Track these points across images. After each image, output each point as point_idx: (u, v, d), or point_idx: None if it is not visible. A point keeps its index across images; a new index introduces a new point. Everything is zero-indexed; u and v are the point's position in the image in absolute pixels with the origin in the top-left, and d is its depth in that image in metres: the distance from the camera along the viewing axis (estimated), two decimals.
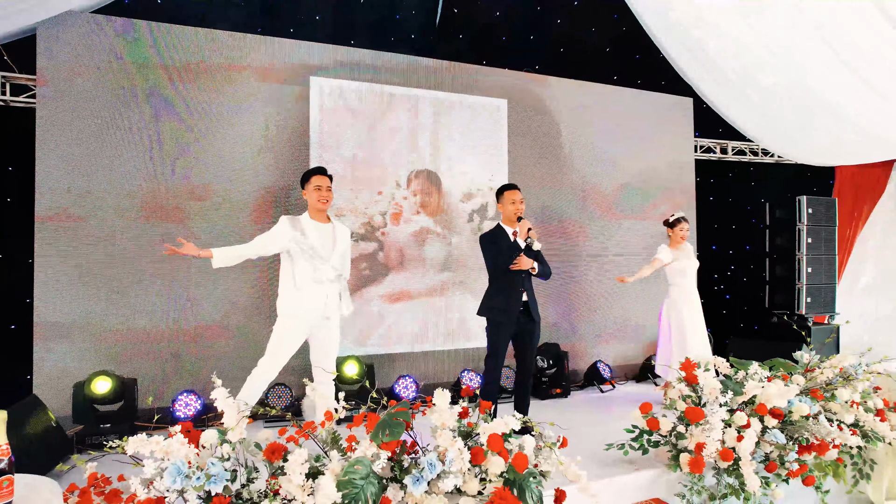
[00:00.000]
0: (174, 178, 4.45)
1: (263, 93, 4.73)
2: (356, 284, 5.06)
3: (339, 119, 5.00)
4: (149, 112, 4.37)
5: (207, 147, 4.55)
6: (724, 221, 7.38)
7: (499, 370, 3.79)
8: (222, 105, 4.60)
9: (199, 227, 4.51)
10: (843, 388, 3.49)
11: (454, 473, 2.33)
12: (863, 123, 5.62)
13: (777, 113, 6.03)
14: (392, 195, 5.22)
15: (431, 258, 5.36)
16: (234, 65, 4.60)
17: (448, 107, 5.43)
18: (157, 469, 2.05)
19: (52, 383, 4.04)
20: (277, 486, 2.20)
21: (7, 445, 1.75)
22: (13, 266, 4.37)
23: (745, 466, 3.09)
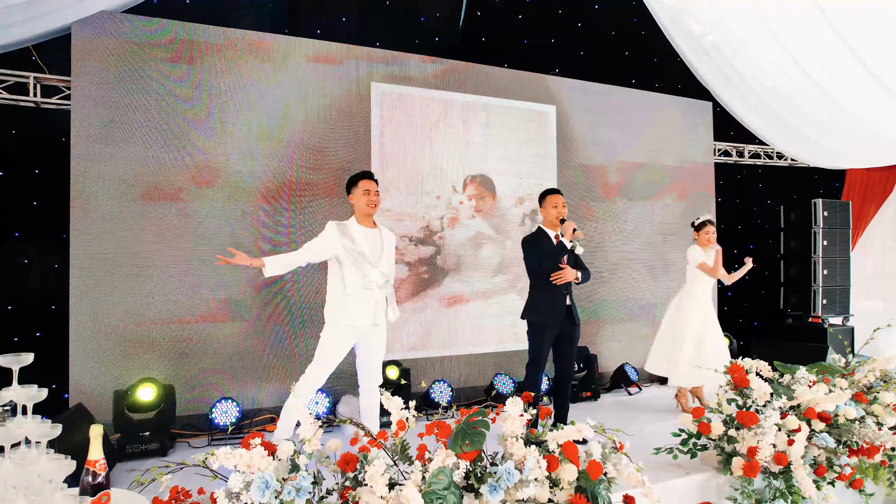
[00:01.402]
0: (219, 181, 4.42)
1: (313, 97, 4.74)
2: (415, 288, 5.11)
3: (398, 124, 5.11)
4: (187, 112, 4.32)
5: (239, 142, 4.50)
6: (733, 223, 7.44)
7: (542, 375, 3.79)
8: (256, 103, 4.56)
9: (256, 233, 4.48)
10: (886, 391, 3.53)
11: (533, 482, 2.32)
12: (878, 127, 5.69)
13: (793, 117, 6.09)
14: (449, 200, 5.32)
15: (486, 261, 5.45)
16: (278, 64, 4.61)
17: (499, 112, 5.53)
18: (243, 482, 2.01)
19: (89, 392, 3.96)
20: (357, 497, 2.17)
21: (104, 460, 1.71)
22: (44, 271, 4.29)
23: (796, 470, 3.11)
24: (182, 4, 4.24)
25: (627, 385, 5.44)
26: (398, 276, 5.03)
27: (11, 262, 4.24)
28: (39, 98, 4.17)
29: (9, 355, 1.67)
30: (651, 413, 4.68)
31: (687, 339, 4.81)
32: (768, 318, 7.14)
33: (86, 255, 4.02)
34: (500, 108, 5.52)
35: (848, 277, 6.72)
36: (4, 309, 4.19)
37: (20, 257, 4.26)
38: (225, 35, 4.41)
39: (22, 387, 1.67)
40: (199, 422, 4.10)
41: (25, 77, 4.10)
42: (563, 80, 5.83)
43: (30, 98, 4.14)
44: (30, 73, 4.09)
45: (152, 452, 3.57)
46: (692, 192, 6.63)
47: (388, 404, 2.39)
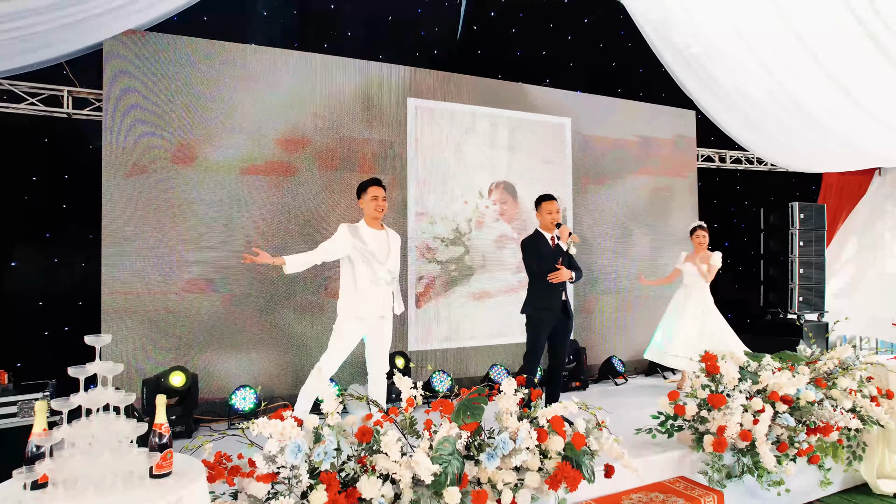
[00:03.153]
0: (243, 188, 4.79)
1: (349, 112, 5.20)
2: (446, 284, 5.59)
3: (431, 134, 5.61)
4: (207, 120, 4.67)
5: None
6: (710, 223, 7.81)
7: (538, 364, 4.17)
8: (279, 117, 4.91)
9: (273, 234, 4.87)
10: (843, 377, 3.91)
11: (524, 450, 2.68)
12: (847, 136, 6.08)
13: (769, 125, 6.49)
14: (476, 204, 5.80)
15: (509, 261, 5.91)
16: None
17: (520, 124, 6.02)
18: (278, 447, 2.36)
19: (117, 381, 4.28)
20: (374, 462, 2.52)
21: (167, 424, 2.05)
22: (71, 269, 4.61)
23: (760, 446, 3.49)
24: (201, 21, 4.56)
25: (614, 376, 5.82)
26: (431, 273, 5.55)
27: (42, 260, 4.56)
28: (71, 109, 4.50)
29: (92, 336, 2.01)
30: (635, 400, 5.05)
31: (683, 328, 5.26)
32: (749, 314, 7.53)
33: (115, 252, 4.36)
34: (522, 121, 6.02)
35: (823, 276, 7.12)
36: (36, 305, 4.51)
37: (50, 256, 4.58)
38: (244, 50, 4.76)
39: (103, 362, 2.01)
40: (217, 408, 4.43)
41: (59, 90, 4.44)
42: (580, 95, 6.30)
43: (63, 110, 4.47)
44: (63, 86, 4.43)
45: (179, 435, 3.91)
46: (676, 197, 7.01)
47: (400, 384, 2.74)
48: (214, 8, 4.45)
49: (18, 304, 4.45)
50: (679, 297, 5.55)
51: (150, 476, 1.97)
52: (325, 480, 2.38)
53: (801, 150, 6.69)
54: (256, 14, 5.03)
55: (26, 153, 4.51)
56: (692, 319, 5.38)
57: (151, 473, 1.97)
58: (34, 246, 4.54)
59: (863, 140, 5.95)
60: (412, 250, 5.46)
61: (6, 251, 4.45)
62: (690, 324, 5.37)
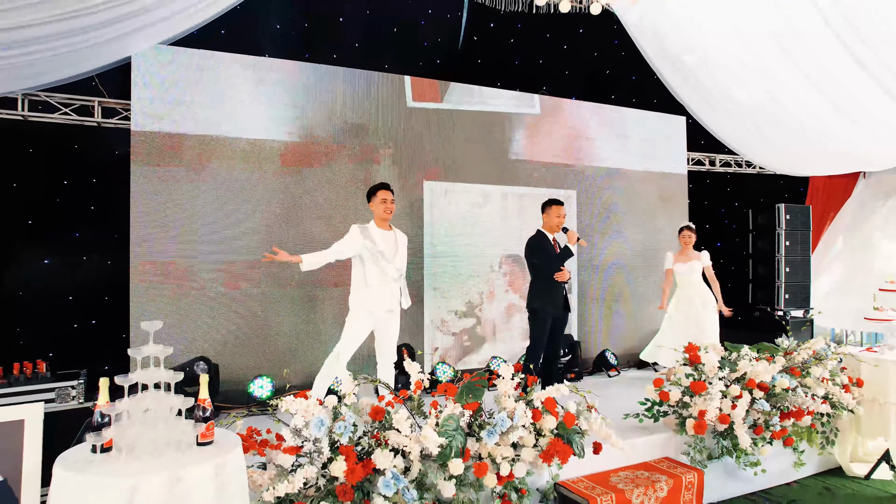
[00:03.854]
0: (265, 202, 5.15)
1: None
2: (459, 354, 5.94)
3: (446, 215, 5.97)
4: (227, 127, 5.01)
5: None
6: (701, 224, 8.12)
7: (541, 355, 4.52)
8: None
9: (289, 234, 5.22)
10: (816, 366, 4.23)
11: (520, 428, 3.00)
12: (830, 141, 6.39)
13: (757, 130, 6.80)
14: (488, 277, 6.15)
15: (518, 328, 6.24)
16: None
17: (529, 199, 6.30)
18: (303, 422, 2.68)
19: None
20: (387, 437, 2.84)
21: (210, 399, 2.36)
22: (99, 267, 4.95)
23: (738, 429, 3.81)
24: (219, 35, 4.88)
25: (608, 368, 6.14)
26: (444, 345, 5.88)
27: (71, 258, 4.88)
28: (100, 118, 4.83)
29: (146, 321, 2.32)
30: (626, 391, 5.36)
31: (680, 326, 5.59)
32: (739, 310, 7.84)
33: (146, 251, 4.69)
34: (530, 195, 6.32)
35: (808, 275, 7.44)
36: (66, 300, 4.84)
37: (79, 255, 4.90)
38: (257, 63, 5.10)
39: (156, 345, 2.32)
40: (235, 395, 4.75)
41: (90, 101, 4.76)
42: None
43: (94, 119, 4.79)
44: (94, 97, 4.75)
45: None
46: (668, 199, 7.33)
47: (409, 368, 3.06)
48: (231, 21, 4.74)
49: (51, 299, 4.77)
50: (676, 299, 5.85)
51: (196, 444, 2.28)
52: (344, 452, 2.70)
53: (787, 154, 7.00)
54: (270, 26, 5.35)
55: (58, 158, 4.83)
56: (686, 315, 5.69)
57: (197, 441, 2.28)
58: (65, 245, 4.86)
59: (845, 145, 6.27)
60: (429, 326, 5.83)
61: (39, 250, 4.78)
62: (685, 319, 5.68)
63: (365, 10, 5.74)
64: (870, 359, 4.35)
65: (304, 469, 2.63)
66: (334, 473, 2.66)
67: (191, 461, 2.14)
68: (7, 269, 4.66)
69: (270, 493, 2.54)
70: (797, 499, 4.04)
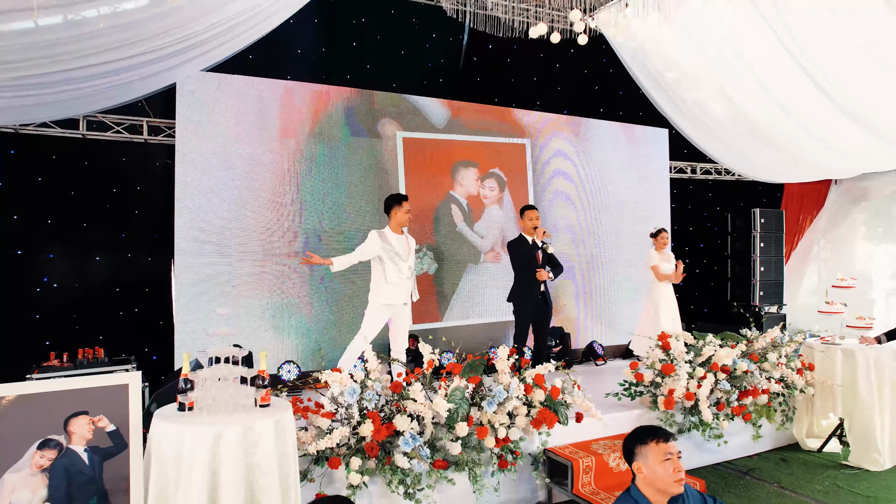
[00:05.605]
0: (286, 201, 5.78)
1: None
2: None
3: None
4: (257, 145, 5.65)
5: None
6: (685, 226, 8.77)
7: (525, 342, 5.16)
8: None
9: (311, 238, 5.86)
10: (772, 352, 4.87)
11: (514, 398, 3.63)
12: (796, 152, 7.00)
13: (732, 140, 7.42)
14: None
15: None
16: None
17: None
18: (339, 391, 3.30)
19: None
20: (405, 405, 3.46)
21: (266, 370, 2.99)
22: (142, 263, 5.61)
23: (702, 405, 4.43)
24: (247, 60, 5.51)
25: (595, 358, 6.77)
26: None
27: (118, 256, 5.55)
28: (147, 136, 5.46)
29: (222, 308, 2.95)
30: (610, 377, 5.95)
31: (660, 322, 6.20)
32: (718, 306, 8.50)
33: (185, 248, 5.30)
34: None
35: (781, 273, 8.08)
36: (113, 291, 5.51)
37: (125, 252, 5.56)
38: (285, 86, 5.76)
39: (229, 328, 2.95)
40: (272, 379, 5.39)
41: (139, 121, 5.40)
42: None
43: (142, 137, 5.43)
44: (142, 117, 5.40)
45: None
46: (651, 205, 7.98)
47: (423, 349, 3.68)
48: (258, 49, 5.36)
49: (100, 290, 5.45)
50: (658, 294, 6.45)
51: (257, 405, 2.90)
52: (371, 416, 3.32)
53: (760, 163, 7.63)
54: (293, 51, 5.99)
55: (107, 169, 5.48)
56: (668, 306, 6.33)
57: (258, 404, 2.90)
58: (112, 244, 5.53)
59: (809, 156, 6.90)
60: None
61: (91, 248, 5.45)
62: (668, 312, 6.31)
63: (376, 36, 6.38)
64: (820, 347, 4.98)
65: (340, 429, 3.26)
66: (363, 434, 3.29)
67: (256, 417, 2.75)
68: (64, 265, 5.34)
69: (314, 447, 3.17)
70: (757, 467, 4.66)
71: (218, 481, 2.47)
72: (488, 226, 6.92)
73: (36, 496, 2.57)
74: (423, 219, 6.47)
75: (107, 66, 4.03)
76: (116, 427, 2.71)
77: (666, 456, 2.18)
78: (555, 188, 7.32)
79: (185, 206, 5.27)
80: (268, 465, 2.58)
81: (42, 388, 2.66)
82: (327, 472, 3.27)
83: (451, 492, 3.50)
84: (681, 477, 2.15)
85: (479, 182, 6.89)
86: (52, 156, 5.28)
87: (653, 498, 2.19)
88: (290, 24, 5.26)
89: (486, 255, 6.87)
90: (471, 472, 3.47)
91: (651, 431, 2.28)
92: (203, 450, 2.48)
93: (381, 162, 6.30)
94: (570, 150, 7.40)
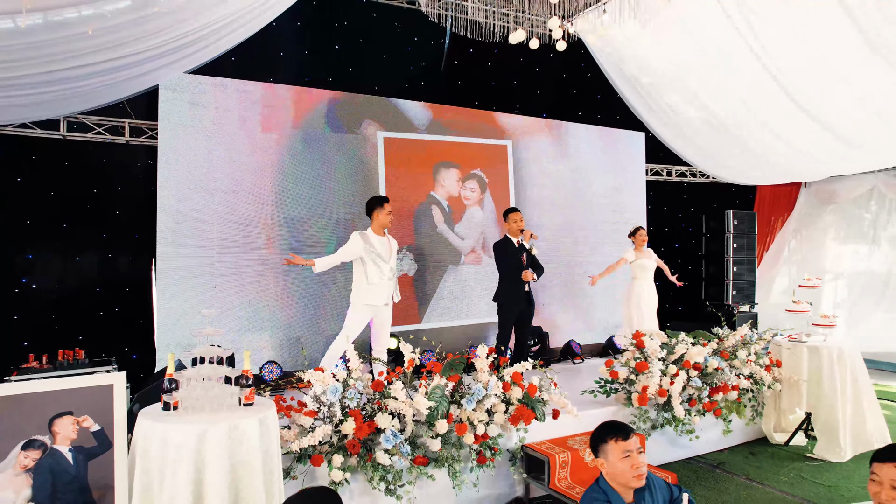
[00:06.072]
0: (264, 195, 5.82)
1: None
2: None
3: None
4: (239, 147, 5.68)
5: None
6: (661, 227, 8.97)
7: (508, 340, 5.27)
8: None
9: (292, 237, 5.89)
10: (741, 350, 5.04)
11: (493, 396, 3.73)
12: (765, 154, 7.23)
13: (705, 143, 7.63)
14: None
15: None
16: None
17: None
18: (321, 389, 3.37)
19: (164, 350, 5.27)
20: (386, 403, 3.55)
21: (251, 370, 3.05)
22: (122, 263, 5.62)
23: (674, 401, 4.58)
24: (230, 62, 5.53)
25: (573, 357, 6.92)
26: None
27: (99, 256, 5.54)
28: (129, 137, 5.45)
29: (206, 309, 3.00)
30: (587, 375, 6.12)
31: (644, 315, 6.36)
32: (692, 305, 8.71)
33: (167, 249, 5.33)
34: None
35: (753, 274, 8.32)
36: (94, 291, 5.50)
37: (106, 252, 5.55)
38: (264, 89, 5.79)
39: (213, 328, 3.00)
40: None
41: (121, 122, 5.39)
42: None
43: (123, 138, 5.42)
44: (124, 119, 5.39)
45: None
46: (628, 206, 8.16)
47: (404, 349, 3.76)
48: (241, 51, 5.38)
49: (80, 291, 5.43)
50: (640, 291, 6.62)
51: (241, 404, 2.96)
52: (353, 414, 3.40)
53: (733, 165, 7.86)
54: (275, 54, 6.03)
55: (88, 170, 5.47)
56: (650, 303, 6.50)
57: (242, 403, 2.96)
58: (94, 244, 5.52)
59: (779, 159, 7.13)
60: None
61: (71, 249, 5.43)
62: (648, 307, 6.48)
63: (358, 39, 6.44)
64: (787, 344, 5.18)
65: (322, 427, 3.33)
66: (345, 432, 3.36)
67: (241, 416, 2.81)
68: (44, 266, 5.32)
69: (296, 445, 3.23)
70: (727, 461, 4.83)
71: (203, 478, 2.53)
72: (469, 227, 7.02)
73: (20, 496, 2.60)
74: (403, 219, 6.54)
75: (90, 69, 4.04)
76: (101, 427, 2.75)
77: (625, 453, 2.29)
78: (534, 190, 7.45)
79: (167, 207, 5.29)
80: (252, 462, 2.65)
81: (27, 388, 2.69)
82: (310, 470, 3.34)
83: (431, 487, 3.59)
84: (640, 472, 2.27)
85: (460, 183, 6.98)
86: (31, 156, 5.25)
87: (618, 490, 2.30)
88: (273, 27, 5.30)
89: (467, 257, 6.97)
90: (450, 469, 3.56)
91: (611, 429, 2.38)
92: (189, 447, 2.54)
93: (362, 163, 6.37)
94: (549, 153, 7.55)
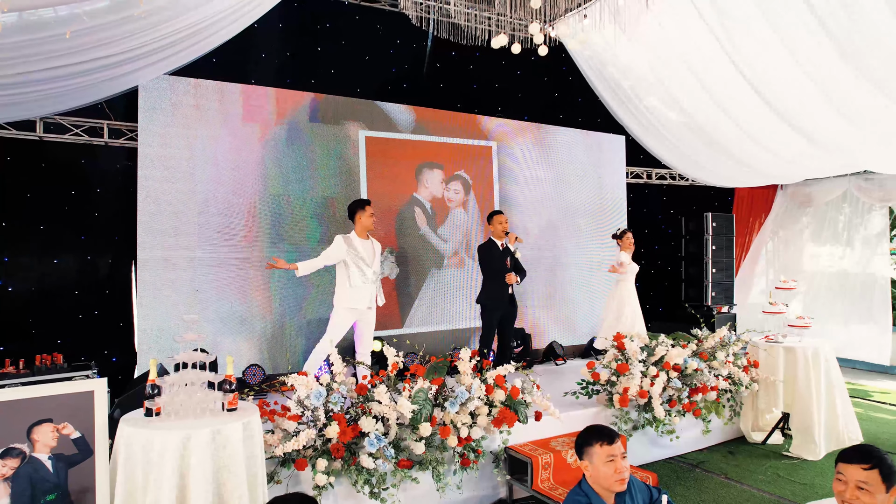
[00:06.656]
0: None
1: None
2: None
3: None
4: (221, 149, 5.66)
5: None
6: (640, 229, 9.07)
7: (491, 342, 5.30)
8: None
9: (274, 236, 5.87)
10: (720, 351, 5.13)
11: (476, 399, 3.76)
12: (742, 158, 7.36)
13: (683, 147, 7.74)
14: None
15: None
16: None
17: None
18: (305, 394, 3.37)
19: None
20: (370, 407, 3.55)
21: (234, 375, 3.04)
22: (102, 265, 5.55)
23: (655, 402, 4.65)
24: (211, 63, 5.49)
25: (555, 358, 6.98)
26: None
27: (78, 258, 5.45)
28: (108, 139, 5.37)
29: (189, 315, 2.98)
30: (570, 376, 6.16)
31: (625, 316, 6.40)
32: (672, 306, 8.83)
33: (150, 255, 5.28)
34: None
35: (732, 275, 8.46)
36: (73, 294, 5.40)
37: (85, 255, 5.46)
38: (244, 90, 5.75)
39: (196, 333, 2.98)
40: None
41: (100, 123, 5.30)
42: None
43: (102, 139, 5.34)
44: (103, 120, 5.31)
45: None
46: (609, 208, 8.26)
47: (387, 352, 3.77)
48: (222, 52, 5.34)
49: (60, 292, 5.34)
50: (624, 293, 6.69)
51: (225, 409, 2.95)
52: (337, 418, 3.40)
53: (711, 168, 7.99)
54: (257, 56, 6.00)
55: (67, 172, 5.38)
56: (633, 305, 6.56)
57: (225, 408, 2.95)
58: (72, 246, 5.43)
59: (755, 162, 7.27)
60: None
61: (48, 251, 5.33)
62: (632, 309, 6.55)
63: (341, 41, 6.43)
64: (764, 345, 5.28)
65: (306, 432, 3.33)
66: (329, 436, 3.36)
67: (224, 421, 2.81)
68: (21, 268, 5.23)
69: (280, 449, 3.23)
70: (706, 460, 4.91)
71: (187, 484, 2.52)
72: (452, 230, 7.04)
73: None
74: (385, 222, 6.54)
75: (68, 69, 3.99)
76: (81, 434, 2.72)
77: (609, 458, 2.33)
78: (515, 193, 7.50)
79: (147, 209, 5.24)
80: (236, 466, 2.65)
81: (4, 396, 2.65)
82: (294, 474, 3.33)
83: (415, 490, 3.61)
84: (623, 477, 2.31)
85: (444, 184, 7.00)
86: (6, 157, 5.16)
87: (600, 493, 2.34)
88: (255, 29, 5.28)
89: (450, 260, 6.99)
90: (434, 471, 3.58)
91: (597, 433, 2.42)
92: (173, 453, 2.53)
93: (344, 161, 6.36)
94: (530, 156, 7.61)
